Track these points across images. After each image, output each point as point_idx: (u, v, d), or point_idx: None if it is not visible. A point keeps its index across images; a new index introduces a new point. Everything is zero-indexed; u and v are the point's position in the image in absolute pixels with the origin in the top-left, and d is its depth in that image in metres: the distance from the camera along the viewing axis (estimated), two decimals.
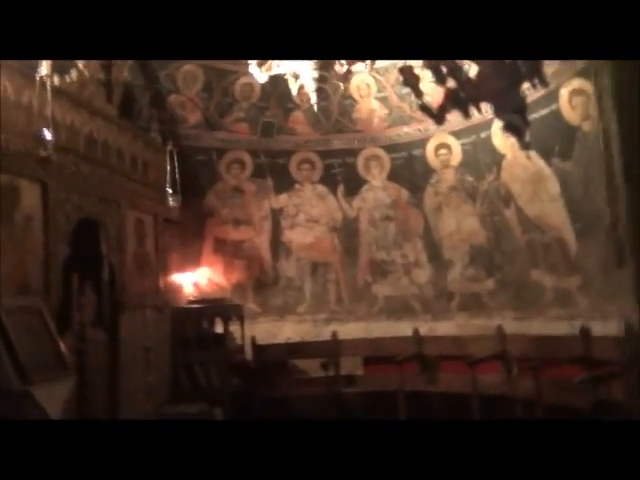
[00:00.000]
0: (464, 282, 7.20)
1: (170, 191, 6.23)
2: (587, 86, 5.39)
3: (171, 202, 6.22)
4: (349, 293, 7.65)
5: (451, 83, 6.87)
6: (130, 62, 6.40)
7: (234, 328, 6.60)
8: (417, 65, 6.97)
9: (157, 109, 6.96)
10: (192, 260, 7.19)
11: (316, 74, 5.72)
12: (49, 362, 3.85)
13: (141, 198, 5.99)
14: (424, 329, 6.85)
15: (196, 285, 7.05)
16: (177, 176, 6.40)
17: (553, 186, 6.04)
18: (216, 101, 7.35)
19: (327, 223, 7.76)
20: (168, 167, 6.34)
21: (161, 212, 6.29)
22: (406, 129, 7.44)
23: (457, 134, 7.12)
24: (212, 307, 6.60)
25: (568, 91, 5.63)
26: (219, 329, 6.55)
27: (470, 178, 7.10)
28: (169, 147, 6.45)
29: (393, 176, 7.63)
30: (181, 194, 6.37)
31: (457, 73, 6.76)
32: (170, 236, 6.58)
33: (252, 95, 7.41)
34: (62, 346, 4.00)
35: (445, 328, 7.05)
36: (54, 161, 4.40)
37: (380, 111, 7.49)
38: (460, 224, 7.23)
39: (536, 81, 6.02)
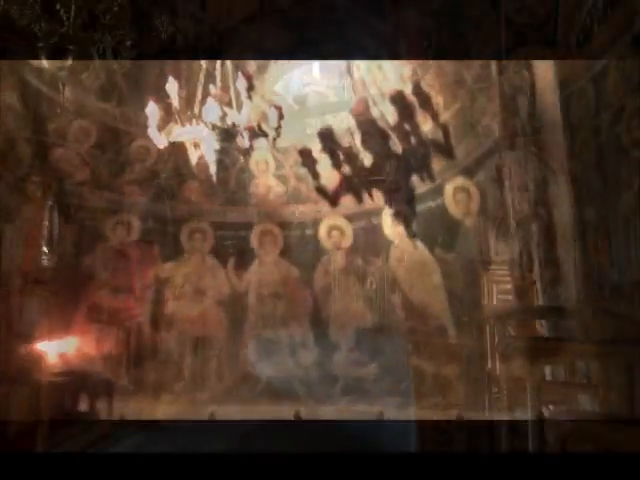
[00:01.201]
0: (349, 366, 7.18)
1: (45, 250, 5.76)
2: (468, 184, 5.82)
3: (45, 261, 5.74)
4: (231, 372, 7.32)
5: (346, 169, 7.16)
6: (20, 112, 6.00)
7: (102, 406, 6.00)
8: (315, 149, 7.21)
9: (40, 160, 6.50)
10: (61, 327, 6.54)
11: (218, 145, 5.68)
12: None
13: None
14: (305, 413, 6.66)
15: (63, 356, 6.38)
16: (55, 233, 5.94)
17: (436, 276, 6.34)
18: (108, 159, 7.03)
19: (214, 296, 7.50)
20: (46, 223, 5.88)
21: (32, 271, 5.74)
22: (301, 208, 7.57)
23: (350, 217, 7.36)
24: (77, 381, 5.98)
25: (452, 187, 6.04)
26: (84, 407, 5.92)
27: (360, 261, 7.28)
28: (49, 202, 6.02)
29: (285, 253, 7.64)
30: (57, 254, 5.90)
31: (353, 160, 7.08)
32: (39, 299, 5.97)
33: (148, 158, 7.19)
34: None
35: (326, 412, 6.90)
36: None
37: (277, 188, 7.58)
38: (348, 306, 7.30)
39: (425, 175, 6.43)
